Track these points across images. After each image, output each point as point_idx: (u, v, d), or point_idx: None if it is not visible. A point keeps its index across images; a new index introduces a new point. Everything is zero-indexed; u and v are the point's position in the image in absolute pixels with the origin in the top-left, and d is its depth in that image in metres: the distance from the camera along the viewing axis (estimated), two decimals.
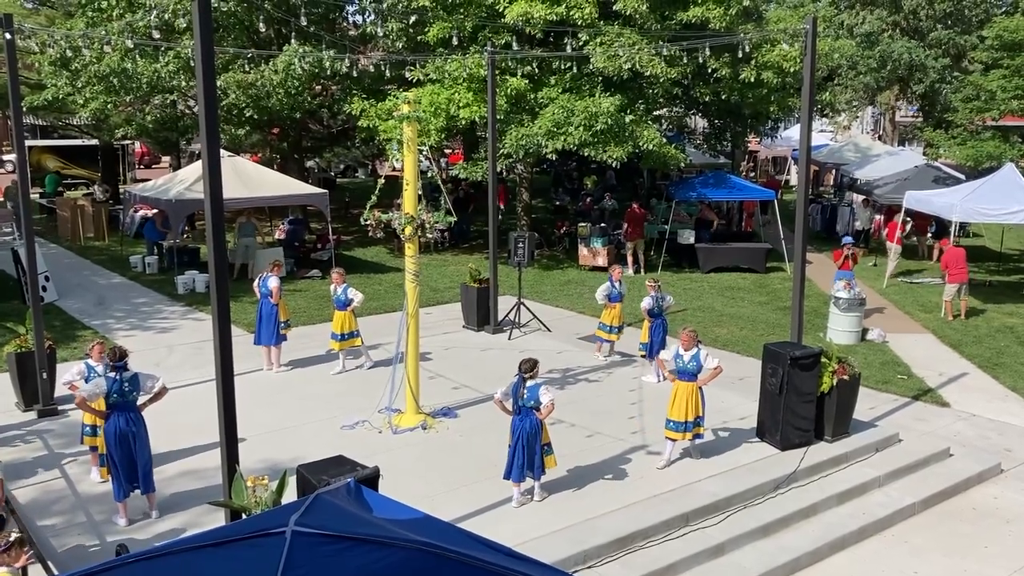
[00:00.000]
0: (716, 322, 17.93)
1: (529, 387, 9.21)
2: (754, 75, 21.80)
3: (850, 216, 28.33)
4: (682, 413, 10.21)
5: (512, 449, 9.27)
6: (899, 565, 9.09)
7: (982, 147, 24.73)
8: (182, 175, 22.56)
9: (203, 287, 19.49)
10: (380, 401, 11.94)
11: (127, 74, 21.78)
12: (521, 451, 9.18)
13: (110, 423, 9.00)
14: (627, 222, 23.46)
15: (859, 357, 13.26)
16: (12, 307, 17.49)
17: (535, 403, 9.16)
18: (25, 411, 12.21)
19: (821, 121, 39.34)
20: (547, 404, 9.15)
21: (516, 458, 9.21)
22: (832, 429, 11.13)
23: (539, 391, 9.17)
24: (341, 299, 13.88)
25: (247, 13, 22.91)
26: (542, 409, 9.17)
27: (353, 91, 23.73)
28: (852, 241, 19.01)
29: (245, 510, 7.10)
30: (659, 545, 8.86)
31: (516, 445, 9.22)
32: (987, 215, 19.61)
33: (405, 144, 11.24)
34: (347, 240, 27.07)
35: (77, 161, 37.34)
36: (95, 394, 9.02)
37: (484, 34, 21.72)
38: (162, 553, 2.67)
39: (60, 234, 27.73)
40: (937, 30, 37.59)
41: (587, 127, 20.48)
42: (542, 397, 9.15)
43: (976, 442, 12.07)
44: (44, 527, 8.92)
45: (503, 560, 2.64)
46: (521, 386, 9.24)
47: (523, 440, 9.16)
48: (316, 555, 2.44)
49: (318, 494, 2.77)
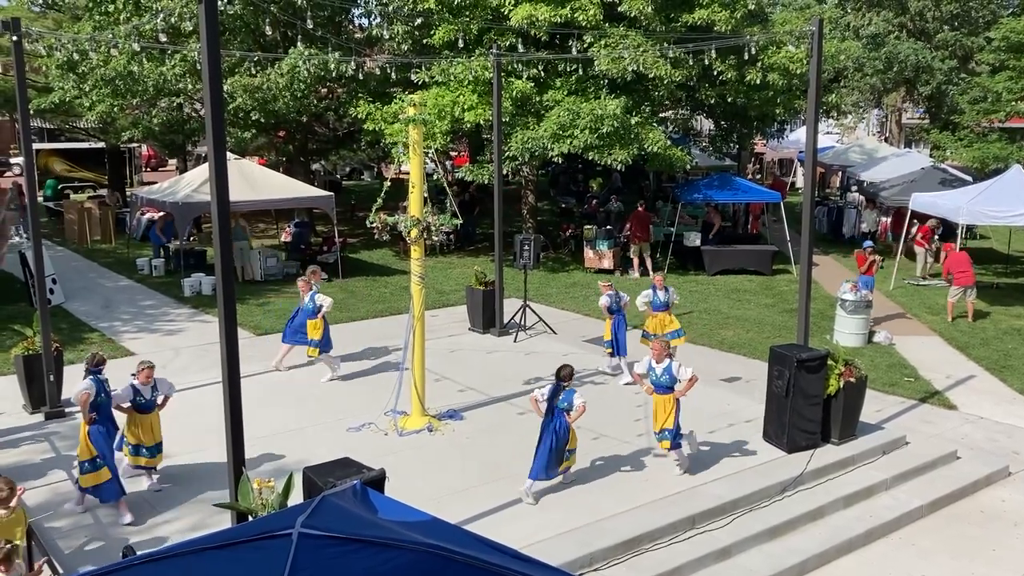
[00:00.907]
0: (722, 324, 17.90)
1: (565, 392, 9.60)
2: (760, 77, 21.79)
3: (856, 218, 28.28)
4: (656, 424, 10.27)
5: (541, 449, 9.54)
6: (906, 568, 9.06)
7: (989, 149, 24.66)
8: (188, 178, 22.62)
9: (209, 289, 19.53)
10: (386, 403, 11.94)
11: (133, 77, 21.85)
12: (549, 452, 9.49)
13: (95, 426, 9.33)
14: (631, 224, 23.40)
15: (866, 359, 13.25)
16: (19, 309, 17.54)
17: (568, 406, 9.54)
18: (32, 413, 12.25)
19: (827, 123, 39.24)
20: (579, 406, 9.55)
21: (544, 458, 9.49)
22: (839, 432, 11.09)
23: (573, 396, 9.61)
24: (309, 308, 13.53)
25: (253, 16, 22.97)
26: (573, 412, 9.56)
27: (359, 94, 23.77)
28: (872, 245, 18.63)
29: (251, 512, 7.11)
30: (665, 548, 8.84)
31: (546, 446, 9.50)
32: (993, 217, 19.52)
33: (411, 147, 11.25)
34: (353, 242, 27.09)
35: (84, 164, 37.43)
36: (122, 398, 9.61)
37: (489, 36, 21.75)
38: (168, 555, 2.68)
39: (67, 237, 27.82)
40: (944, 31, 37.51)
41: (593, 129, 20.48)
42: (575, 400, 9.55)
43: (984, 445, 12.03)
44: (51, 529, 8.94)
45: (509, 562, 2.64)
46: (559, 391, 9.60)
47: (553, 442, 9.49)
48: (322, 557, 2.44)
49: (324, 496, 2.77)
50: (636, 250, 23.21)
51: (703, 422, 11.83)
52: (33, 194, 12.16)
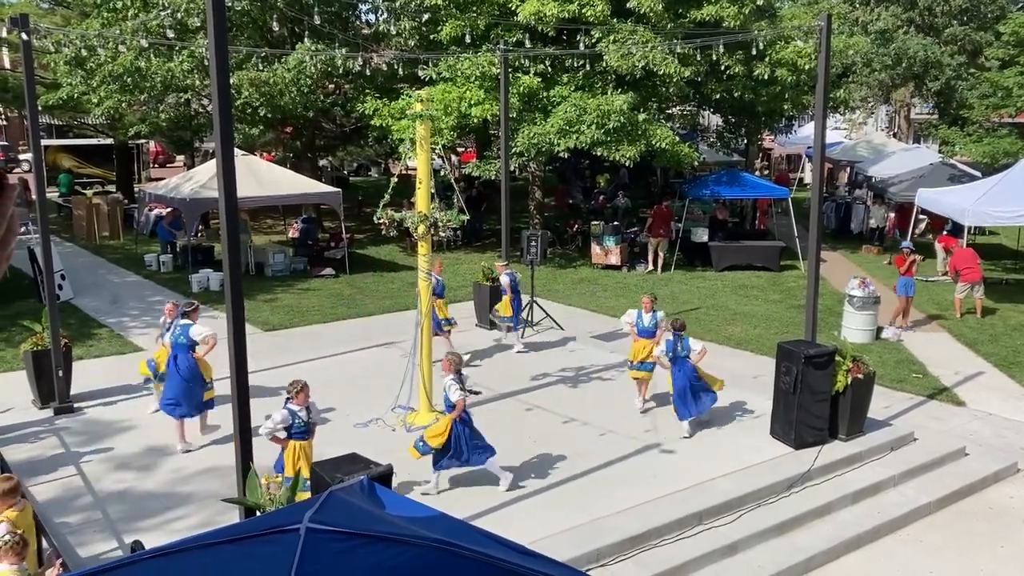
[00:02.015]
0: (730, 320, 17.88)
1: (684, 340, 11.14)
2: (768, 72, 21.72)
3: (864, 214, 28.18)
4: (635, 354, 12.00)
5: (676, 396, 11.16)
6: (914, 564, 9.04)
7: (999, 144, 24.56)
8: (196, 174, 22.66)
9: (217, 285, 19.57)
10: (393, 399, 11.95)
11: (141, 73, 21.90)
12: (684, 393, 11.05)
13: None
14: (653, 220, 23.45)
15: (874, 356, 13.20)
16: (28, 305, 17.60)
17: (688, 352, 11.08)
18: (41, 409, 12.29)
19: (835, 118, 39.09)
20: (700, 349, 11.21)
21: (682, 400, 11.08)
22: (846, 428, 11.07)
23: (690, 341, 11.25)
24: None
25: (261, 12, 22.99)
26: (694, 355, 11.12)
27: (366, 90, 23.77)
28: (910, 245, 18.06)
29: (259, 507, 7.13)
30: (672, 544, 8.84)
31: (683, 390, 11.05)
32: (999, 218, 19.11)
33: (418, 142, 11.25)
34: (360, 238, 27.13)
35: (92, 160, 37.52)
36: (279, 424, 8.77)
37: (496, 32, 21.73)
38: (175, 550, 2.69)
39: (75, 233, 27.91)
40: (953, 26, 37.33)
41: (599, 125, 20.45)
42: (694, 346, 11.18)
43: (992, 441, 11.99)
44: (61, 524, 8.98)
45: (517, 558, 2.64)
46: (677, 341, 11.11)
47: (687, 386, 11.04)
48: (329, 552, 2.45)
49: (332, 491, 2.77)
50: (655, 244, 23.24)
51: (710, 419, 11.83)
52: (42, 190, 12.18)
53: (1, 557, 6.11)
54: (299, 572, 2.35)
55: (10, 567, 6.18)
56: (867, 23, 35.95)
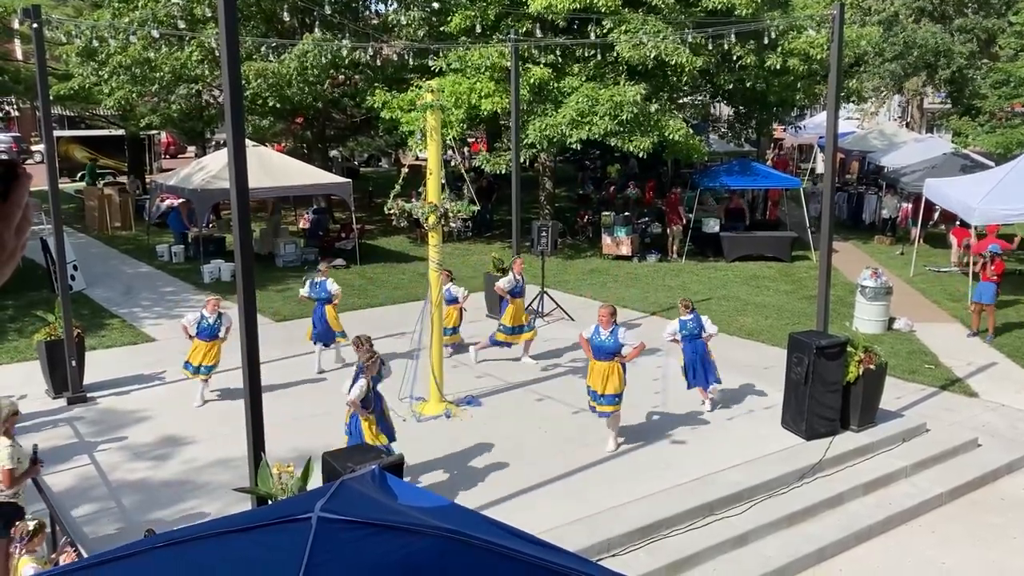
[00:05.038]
0: (741, 311, 17.83)
1: (697, 319, 11.62)
2: (780, 62, 21.59)
3: (876, 204, 28.02)
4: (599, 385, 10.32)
5: (690, 369, 11.64)
6: (925, 555, 9.02)
7: (1012, 134, 24.33)
8: (208, 165, 22.69)
9: (229, 276, 19.61)
10: (401, 389, 11.94)
11: (150, 64, 21.92)
12: (698, 368, 11.53)
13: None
14: (669, 209, 23.53)
15: (885, 346, 13.14)
16: (41, 296, 17.70)
17: (700, 329, 11.51)
18: (55, 398, 12.37)
19: (847, 108, 38.84)
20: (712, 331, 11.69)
21: (695, 374, 11.59)
22: (858, 419, 11.04)
23: (702, 319, 11.64)
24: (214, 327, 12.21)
25: (271, 2, 22.97)
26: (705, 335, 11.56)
27: (375, 82, 23.72)
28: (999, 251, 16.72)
29: (271, 496, 7.16)
30: (683, 534, 8.84)
31: (695, 366, 11.55)
32: (1008, 216, 18.50)
33: (428, 133, 11.24)
34: (370, 229, 27.14)
35: (104, 151, 37.65)
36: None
37: (506, 23, 21.65)
38: (188, 538, 2.70)
39: (87, 224, 28.01)
40: (966, 15, 37.00)
41: (612, 116, 20.38)
42: (707, 325, 11.58)
43: (1005, 432, 11.93)
44: (76, 513, 9.04)
45: (528, 548, 2.64)
46: (689, 320, 11.53)
47: (698, 361, 11.53)
48: (341, 541, 2.45)
49: (343, 481, 2.78)
50: (674, 232, 23.30)
51: (720, 409, 11.82)
52: (54, 181, 12.22)
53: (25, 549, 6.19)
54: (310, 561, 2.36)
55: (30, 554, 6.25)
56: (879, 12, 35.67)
